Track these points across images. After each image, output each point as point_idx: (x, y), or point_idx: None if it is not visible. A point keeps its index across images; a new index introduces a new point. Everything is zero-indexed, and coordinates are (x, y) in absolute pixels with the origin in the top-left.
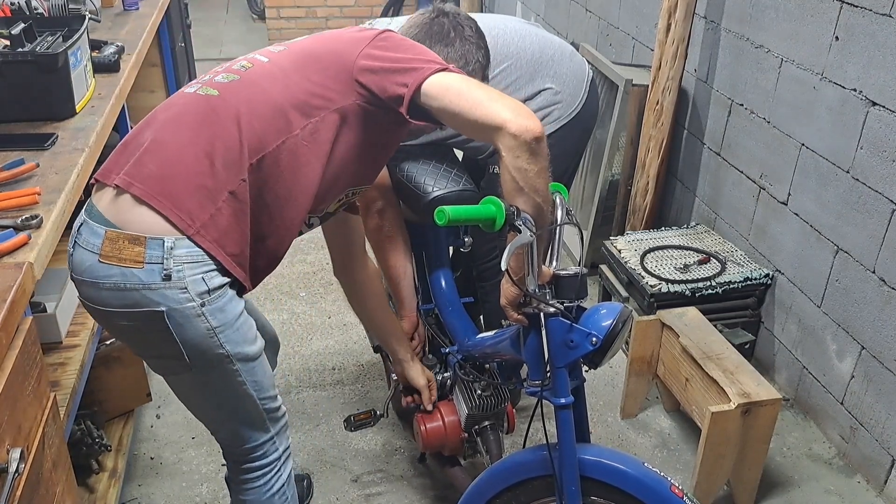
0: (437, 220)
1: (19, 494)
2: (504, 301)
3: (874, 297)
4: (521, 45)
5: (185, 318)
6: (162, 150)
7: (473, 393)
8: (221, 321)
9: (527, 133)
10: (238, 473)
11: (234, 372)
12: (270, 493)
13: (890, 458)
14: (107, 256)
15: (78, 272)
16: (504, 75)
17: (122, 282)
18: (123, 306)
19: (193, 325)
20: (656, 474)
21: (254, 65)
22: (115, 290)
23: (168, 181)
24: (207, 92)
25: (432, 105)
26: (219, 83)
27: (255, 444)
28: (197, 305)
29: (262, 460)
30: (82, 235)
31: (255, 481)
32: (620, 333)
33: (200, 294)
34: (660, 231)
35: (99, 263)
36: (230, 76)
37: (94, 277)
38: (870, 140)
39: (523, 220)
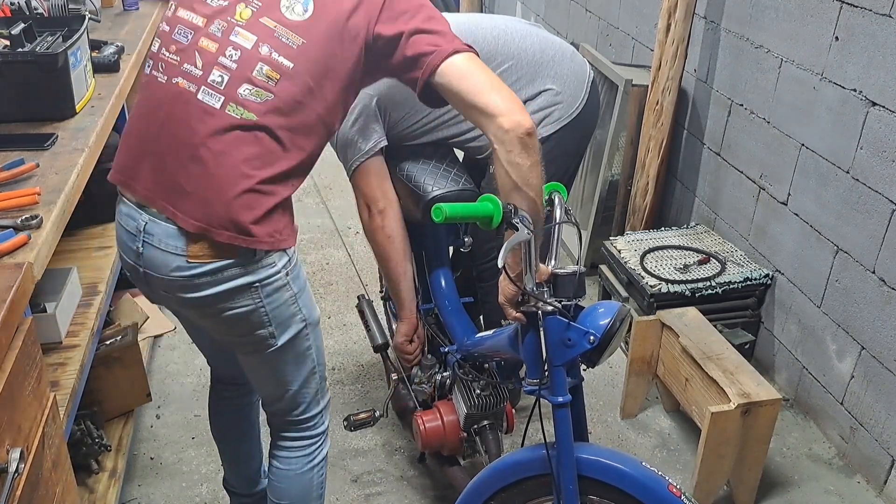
0: (434, 218)
1: (19, 494)
2: (502, 298)
3: (874, 297)
4: (522, 46)
5: (274, 289)
6: (218, 184)
7: (472, 392)
8: (300, 287)
9: (518, 128)
10: (286, 441)
11: (306, 337)
12: (312, 463)
13: (890, 459)
14: (196, 256)
15: (162, 272)
16: (504, 76)
17: (218, 267)
18: (217, 288)
19: (281, 294)
20: (654, 474)
21: (280, 74)
22: (209, 276)
23: (239, 219)
24: (243, 115)
25: (439, 82)
26: (251, 104)
27: (309, 415)
28: (283, 275)
29: (311, 430)
30: (154, 235)
31: (302, 450)
32: (618, 332)
33: (285, 265)
34: (660, 231)
35: (188, 263)
36: (261, 94)
37: (184, 274)
38: (870, 140)
39: (520, 218)
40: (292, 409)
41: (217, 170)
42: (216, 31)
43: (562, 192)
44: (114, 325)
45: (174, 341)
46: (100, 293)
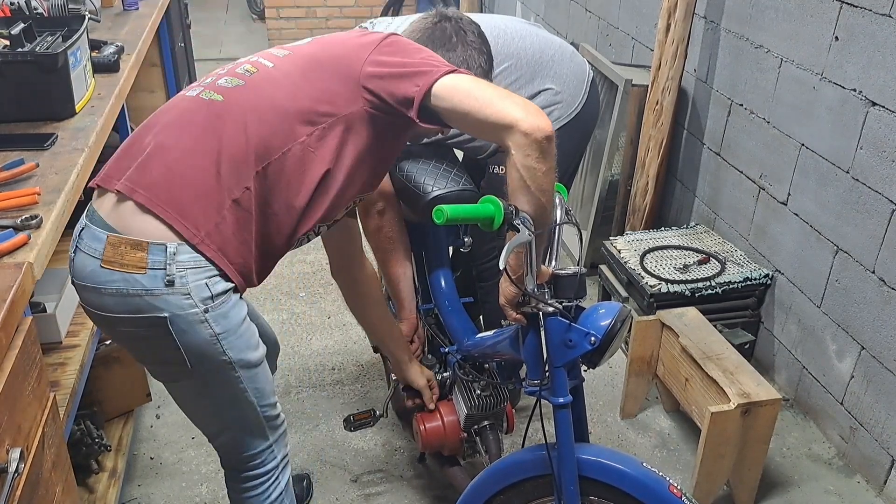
0: (436, 219)
1: (19, 494)
2: (503, 300)
3: (874, 297)
4: (522, 46)
5: (188, 325)
6: (165, 156)
7: (473, 393)
8: (225, 327)
9: (538, 132)
10: (236, 482)
11: (236, 379)
12: (268, 501)
13: (889, 459)
14: (109, 262)
15: (79, 277)
16: (504, 76)
17: (125, 287)
18: (126, 312)
19: (196, 331)
20: (655, 474)
21: (258, 70)
22: (117, 296)
23: (172, 189)
24: (211, 97)
25: (442, 106)
26: (223, 87)
27: (253, 452)
28: (200, 311)
29: (260, 468)
30: (84, 240)
31: (253, 489)
32: (619, 333)
33: (204, 300)
34: (659, 231)
35: (101, 269)
36: (234, 81)
37: (95, 283)
38: (869, 140)
39: (522, 220)
40: (236, 448)
41: (175, 149)
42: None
43: (562, 193)
44: None
45: None
46: None
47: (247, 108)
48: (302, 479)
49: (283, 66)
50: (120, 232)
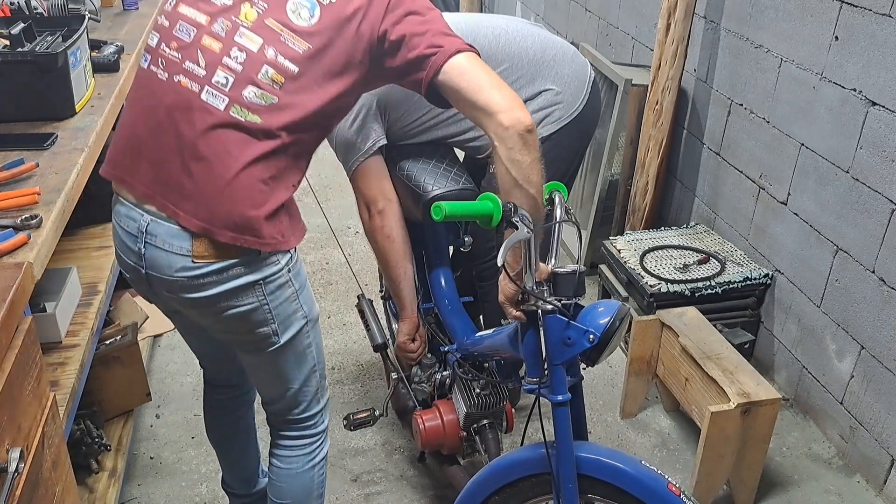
0: (434, 216)
1: (19, 494)
2: (502, 297)
3: (874, 296)
4: (523, 46)
5: (277, 287)
6: (221, 183)
7: (472, 392)
8: (301, 283)
9: (518, 124)
10: (286, 441)
11: (306, 334)
12: (313, 461)
13: (889, 458)
14: (201, 256)
15: (166, 273)
16: (504, 76)
17: (222, 267)
18: (222, 287)
19: (284, 291)
20: (654, 472)
21: (285, 78)
22: (213, 276)
23: (245, 219)
24: (248, 118)
25: (441, 80)
26: (255, 105)
27: (310, 413)
28: (286, 272)
29: (312, 429)
30: (157, 236)
31: (302, 448)
32: (618, 331)
33: (287, 262)
34: (659, 231)
35: (193, 263)
36: (267, 96)
37: (188, 274)
38: (869, 140)
39: (520, 217)
40: (293, 407)
41: (220, 169)
42: (219, 30)
43: (562, 192)
44: (113, 324)
45: (174, 341)
46: (99, 293)
47: (283, 128)
48: None
49: (307, 71)
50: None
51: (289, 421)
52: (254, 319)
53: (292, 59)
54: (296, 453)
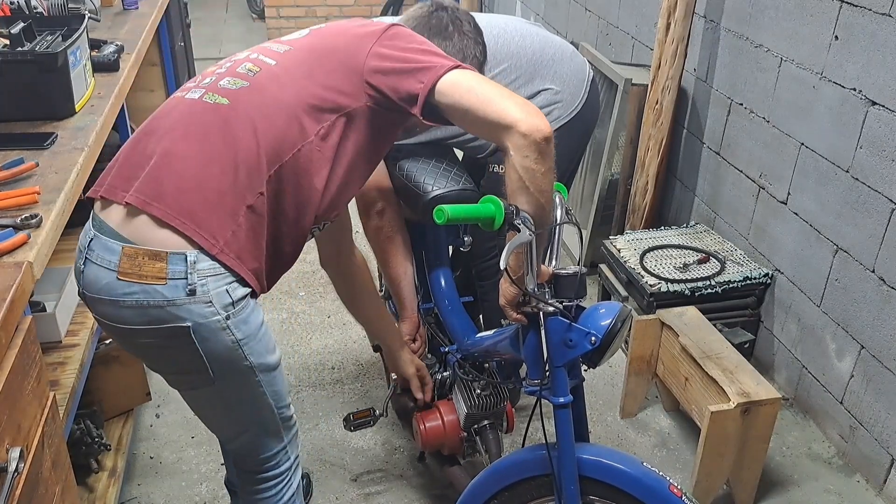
0: (437, 219)
1: (19, 493)
2: (503, 301)
3: (874, 296)
4: (522, 45)
5: (210, 332)
6: (175, 165)
7: (473, 392)
8: (245, 333)
9: (537, 133)
10: (250, 484)
11: (256, 383)
12: (282, 502)
13: (889, 458)
14: (126, 273)
15: (93, 290)
16: (503, 75)
17: (145, 299)
18: (146, 323)
19: (219, 338)
20: (655, 474)
21: (261, 68)
22: (136, 308)
23: (186, 199)
24: (216, 100)
25: (444, 102)
26: (227, 90)
27: (269, 454)
28: (222, 318)
29: (275, 470)
30: (95, 251)
31: (267, 491)
32: (619, 333)
33: (225, 307)
34: (659, 230)
35: (118, 281)
36: (238, 82)
37: (112, 295)
38: (869, 139)
39: (522, 220)
40: (250, 451)
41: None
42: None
43: (562, 192)
44: None
45: None
46: None
47: (254, 111)
48: (301, 477)
49: (285, 63)
50: (135, 243)
51: (248, 462)
52: (183, 363)
53: (272, 56)
54: (262, 495)
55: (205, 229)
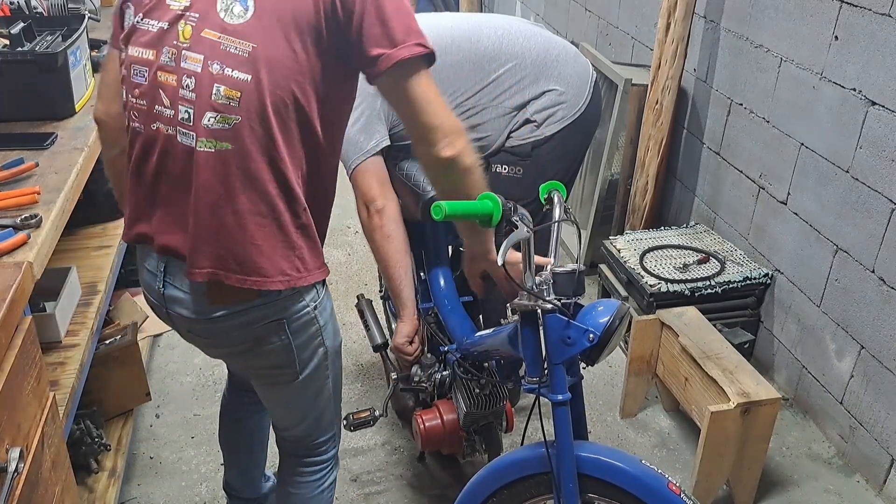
0: (434, 216)
1: (19, 494)
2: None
3: (873, 296)
4: (526, 46)
5: (301, 325)
6: (222, 226)
7: (472, 391)
8: (325, 319)
9: (460, 157)
10: (296, 466)
11: (325, 368)
12: (322, 488)
13: (889, 458)
14: (217, 300)
15: (185, 313)
16: (508, 75)
17: (238, 311)
18: (239, 328)
19: (307, 329)
20: (654, 472)
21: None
22: (231, 319)
23: (250, 259)
24: (218, 147)
25: (386, 82)
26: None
27: (321, 440)
28: (311, 309)
29: (323, 455)
30: (176, 277)
31: (312, 475)
32: (618, 330)
33: (312, 298)
34: (659, 230)
35: (210, 307)
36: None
37: (208, 317)
38: (869, 140)
39: (520, 216)
40: (305, 436)
41: (214, 212)
42: (168, 60)
43: (561, 191)
44: (113, 324)
45: (173, 340)
46: (99, 292)
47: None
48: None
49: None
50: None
51: (300, 447)
52: (274, 357)
53: (240, 67)
54: (306, 479)
55: (277, 278)
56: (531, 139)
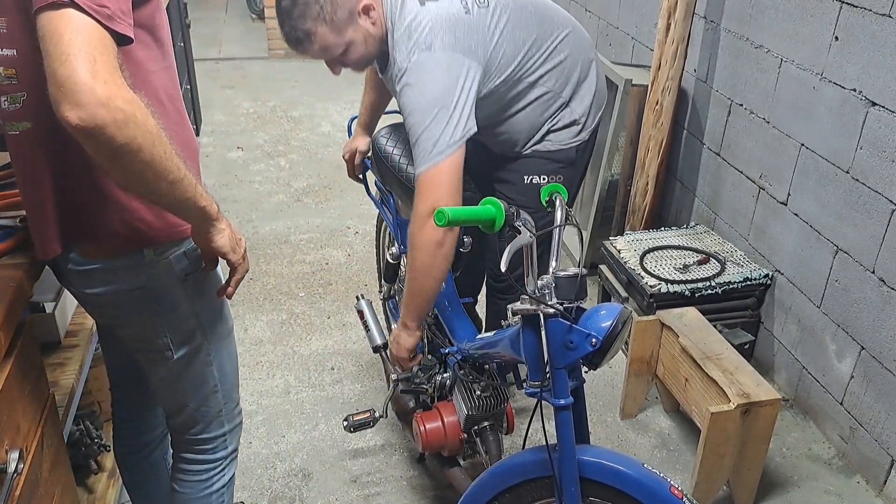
0: (437, 221)
1: (18, 494)
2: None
3: (874, 297)
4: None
5: (167, 297)
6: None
7: (473, 393)
8: (200, 292)
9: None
10: (181, 463)
11: (205, 352)
12: (209, 490)
13: (889, 459)
14: (86, 254)
15: (62, 263)
16: (564, 45)
17: (107, 268)
18: (107, 286)
19: (176, 303)
20: (656, 475)
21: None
22: (100, 275)
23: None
24: (21, 128)
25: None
26: (16, 111)
27: (208, 436)
28: (176, 279)
29: (210, 454)
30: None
31: (197, 475)
32: (620, 334)
33: (178, 262)
34: (659, 231)
35: (81, 258)
36: (17, 98)
37: (79, 269)
38: (869, 140)
39: (523, 221)
40: (190, 426)
41: (46, 191)
42: None
43: (562, 194)
44: None
45: None
46: None
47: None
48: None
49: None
50: None
51: (187, 441)
52: (143, 328)
53: (3, 44)
54: (192, 478)
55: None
56: (575, 143)
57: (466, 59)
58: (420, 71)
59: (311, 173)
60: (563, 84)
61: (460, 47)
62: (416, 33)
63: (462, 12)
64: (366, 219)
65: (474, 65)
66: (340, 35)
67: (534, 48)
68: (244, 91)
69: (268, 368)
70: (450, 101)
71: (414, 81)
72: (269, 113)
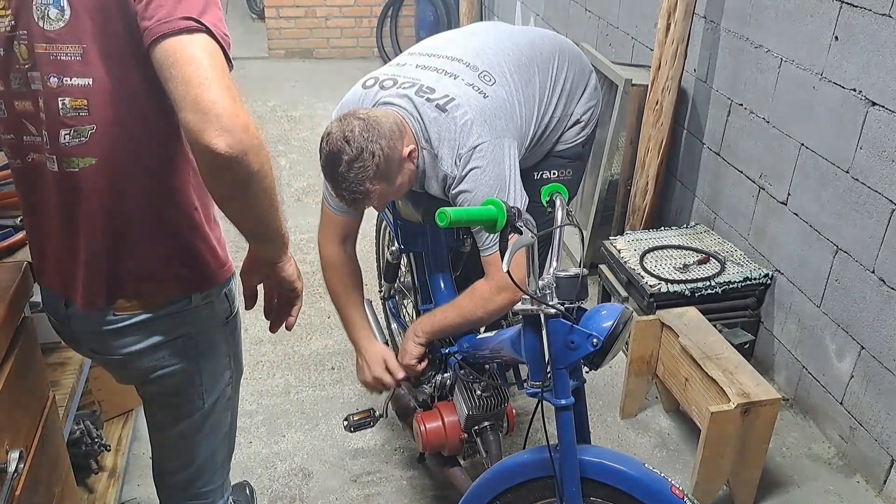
0: (439, 222)
1: (19, 494)
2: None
3: (873, 296)
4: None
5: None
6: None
7: (473, 393)
8: (237, 338)
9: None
10: None
11: (228, 397)
12: None
13: (889, 458)
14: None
15: (90, 328)
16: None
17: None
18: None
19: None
20: (657, 475)
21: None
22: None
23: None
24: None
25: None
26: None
27: (209, 489)
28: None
29: None
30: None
31: None
32: (621, 335)
33: (222, 308)
34: (659, 231)
35: (114, 316)
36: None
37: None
38: (869, 140)
39: (524, 222)
40: (194, 480)
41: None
42: (19, 86)
43: (563, 194)
44: None
45: None
46: None
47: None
48: (244, 486)
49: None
50: None
51: (187, 497)
52: (181, 378)
53: (76, 73)
54: None
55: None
56: (580, 139)
57: (503, 140)
58: (472, 174)
59: (312, 173)
60: (572, 104)
61: (495, 132)
62: (457, 144)
63: (481, 98)
64: (366, 219)
65: (509, 140)
66: (392, 184)
67: (542, 95)
68: (244, 91)
69: (268, 368)
70: (504, 183)
71: (470, 188)
72: (269, 113)
